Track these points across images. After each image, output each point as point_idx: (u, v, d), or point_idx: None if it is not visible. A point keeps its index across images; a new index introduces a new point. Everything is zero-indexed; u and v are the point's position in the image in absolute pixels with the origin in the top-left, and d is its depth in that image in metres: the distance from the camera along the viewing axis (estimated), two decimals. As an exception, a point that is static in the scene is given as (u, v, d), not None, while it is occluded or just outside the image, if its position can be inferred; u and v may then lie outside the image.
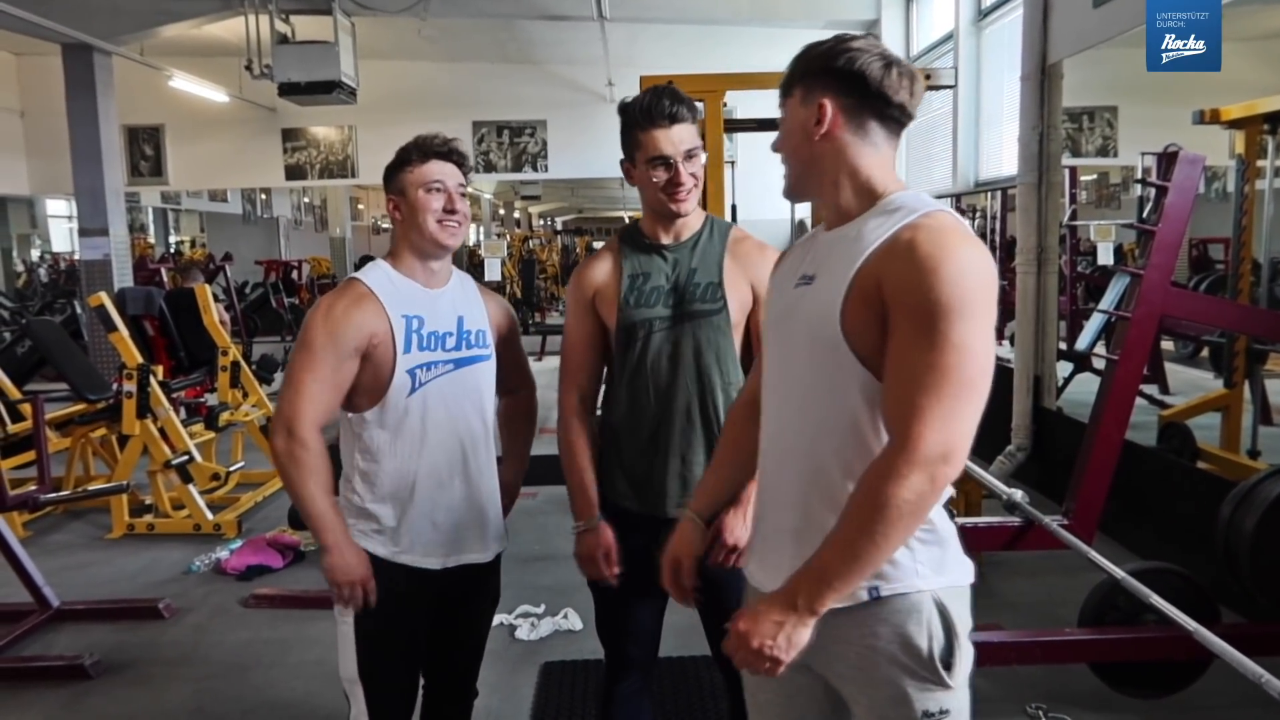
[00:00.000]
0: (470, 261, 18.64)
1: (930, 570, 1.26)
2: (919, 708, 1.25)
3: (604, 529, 1.85)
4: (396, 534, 1.82)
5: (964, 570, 1.30)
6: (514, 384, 2.07)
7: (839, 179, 1.29)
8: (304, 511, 1.76)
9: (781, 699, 1.42)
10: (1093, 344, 6.31)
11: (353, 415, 1.81)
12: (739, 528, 1.75)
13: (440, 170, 1.80)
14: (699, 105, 4.17)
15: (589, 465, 1.89)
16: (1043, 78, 4.97)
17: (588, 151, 11.28)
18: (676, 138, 1.75)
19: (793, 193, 1.38)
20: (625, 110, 1.80)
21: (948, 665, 1.25)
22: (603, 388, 1.95)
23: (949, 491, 1.26)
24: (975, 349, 1.14)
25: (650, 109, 1.75)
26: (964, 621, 1.28)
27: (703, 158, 1.81)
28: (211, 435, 5.49)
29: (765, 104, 1.41)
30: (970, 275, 1.15)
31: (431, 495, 1.82)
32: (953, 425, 1.13)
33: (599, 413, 1.94)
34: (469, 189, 1.91)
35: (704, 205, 4.03)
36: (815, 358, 1.27)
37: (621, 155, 1.84)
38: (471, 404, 1.87)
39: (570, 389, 1.91)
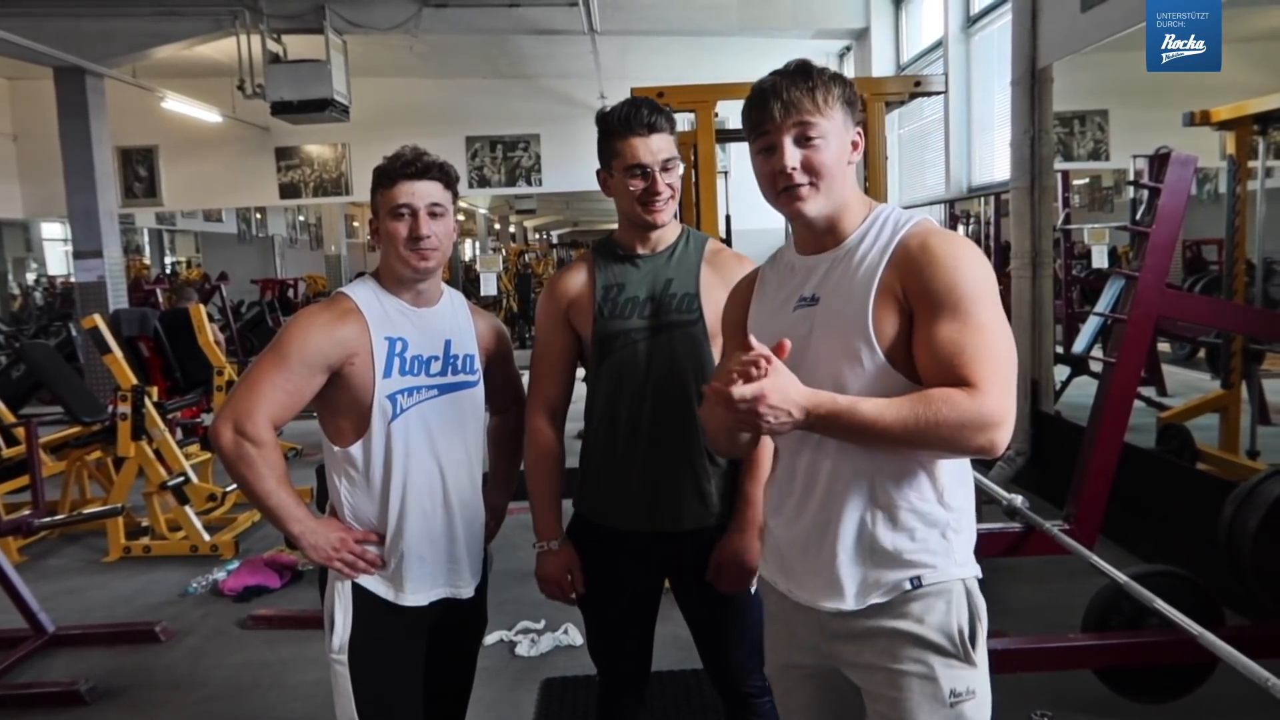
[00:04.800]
0: (466, 277, 18.69)
1: (963, 558, 1.37)
2: (947, 687, 1.32)
3: (567, 549, 1.84)
4: (386, 569, 1.76)
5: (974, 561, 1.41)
6: (505, 402, 2.03)
7: (849, 202, 1.38)
8: (262, 508, 1.72)
9: (815, 703, 1.48)
10: (1090, 347, 6.31)
11: (338, 449, 1.75)
12: (752, 550, 1.77)
13: (408, 192, 1.71)
14: (690, 115, 4.17)
15: (555, 483, 1.86)
16: (1033, 82, 4.99)
17: (581, 164, 11.29)
18: (655, 147, 1.73)
19: (823, 212, 1.37)
20: (603, 119, 1.78)
21: (973, 643, 1.35)
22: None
23: (964, 484, 1.37)
24: (1005, 327, 1.28)
25: (629, 118, 1.74)
26: (983, 603, 1.38)
27: (680, 170, 1.79)
28: (207, 456, 5.47)
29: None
30: (984, 267, 1.30)
31: (416, 528, 1.76)
32: (1008, 398, 1.23)
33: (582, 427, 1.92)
34: (459, 201, 1.83)
35: (697, 216, 4.04)
36: (842, 372, 1.31)
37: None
38: (455, 432, 1.80)
39: (538, 402, 1.88)
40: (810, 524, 1.38)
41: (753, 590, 1.85)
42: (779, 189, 1.35)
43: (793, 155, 1.32)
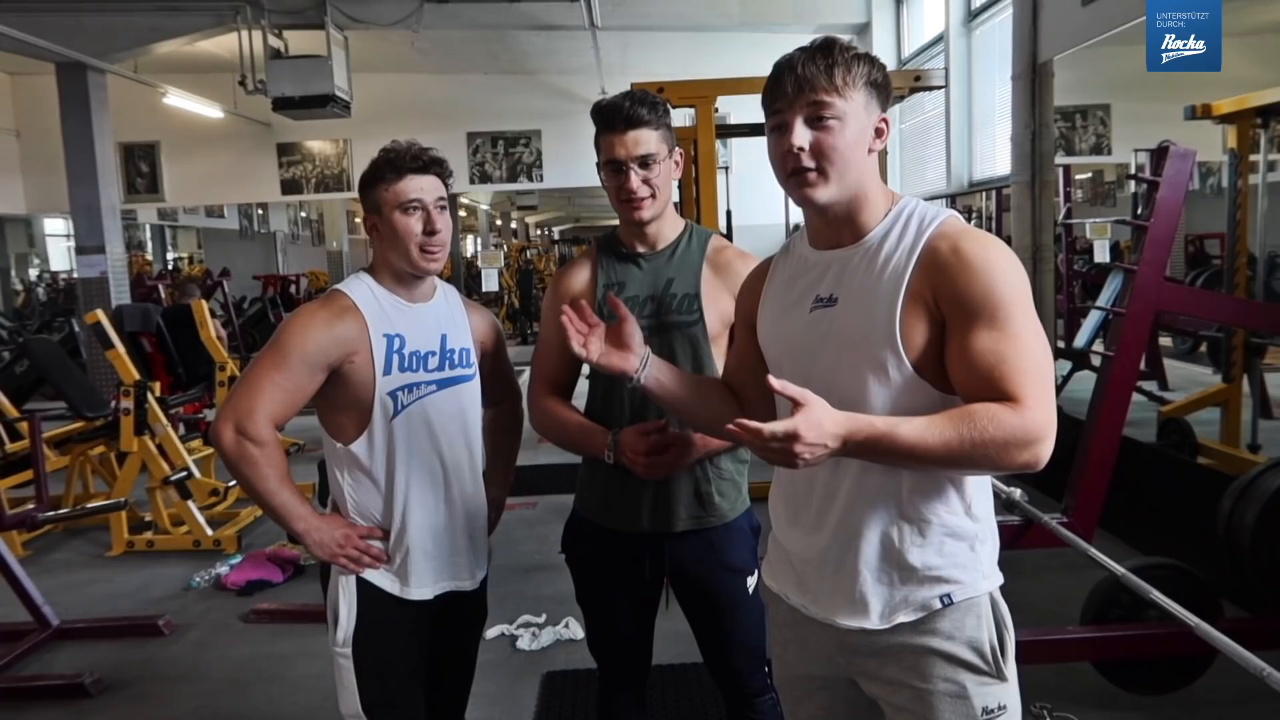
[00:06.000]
0: (469, 273, 18.71)
1: (990, 569, 1.32)
2: (978, 704, 1.27)
3: (622, 431, 1.74)
4: (391, 565, 1.76)
5: (998, 570, 1.36)
6: (499, 395, 2.03)
7: (868, 193, 1.30)
8: (265, 508, 1.72)
9: (826, 713, 1.43)
10: (1090, 341, 6.31)
11: (340, 446, 1.75)
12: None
13: (417, 186, 1.70)
14: (690, 111, 4.17)
15: (575, 416, 1.82)
16: (1034, 76, 4.99)
17: (583, 160, 11.28)
18: (630, 142, 1.68)
19: (835, 200, 1.29)
20: (592, 111, 1.75)
21: (1003, 656, 1.29)
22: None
23: (987, 493, 1.33)
24: (1041, 333, 1.21)
25: (609, 111, 1.70)
26: (1008, 613, 1.33)
27: (664, 167, 1.73)
28: (210, 451, 5.48)
29: (757, 109, 1.36)
30: (1018, 270, 1.22)
31: (420, 522, 1.76)
32: (1050, 410, 1.17)
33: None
34: (460, 197, 1.81)
35: (698, 212, 4.04)
36: (866, 382, 1.25)
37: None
38: (455, 426, 1.80)
39: (541, 388, 1.86)
40: (830, 539, 1.32)
41: (750, 590, 1.85)
42: (788, 171, 1.27)
43: (801, 135, 1.24)
